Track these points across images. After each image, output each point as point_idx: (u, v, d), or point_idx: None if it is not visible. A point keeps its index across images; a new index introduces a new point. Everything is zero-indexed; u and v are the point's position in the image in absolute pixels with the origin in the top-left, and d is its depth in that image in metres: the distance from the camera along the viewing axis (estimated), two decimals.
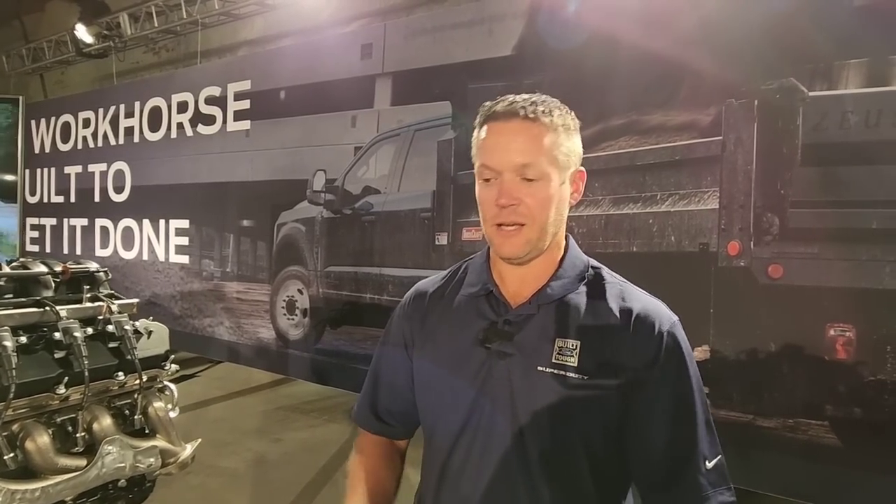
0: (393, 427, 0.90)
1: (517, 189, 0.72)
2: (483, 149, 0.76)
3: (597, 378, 0.73)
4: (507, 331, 0.77)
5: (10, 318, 1.31)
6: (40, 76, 6.31)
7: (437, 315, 0.85)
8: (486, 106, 0.77)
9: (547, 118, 0.74)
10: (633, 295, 0.78)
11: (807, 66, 1.93)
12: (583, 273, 0.80)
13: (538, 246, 0.75)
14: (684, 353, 0.75)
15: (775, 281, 1.94)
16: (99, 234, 4.30)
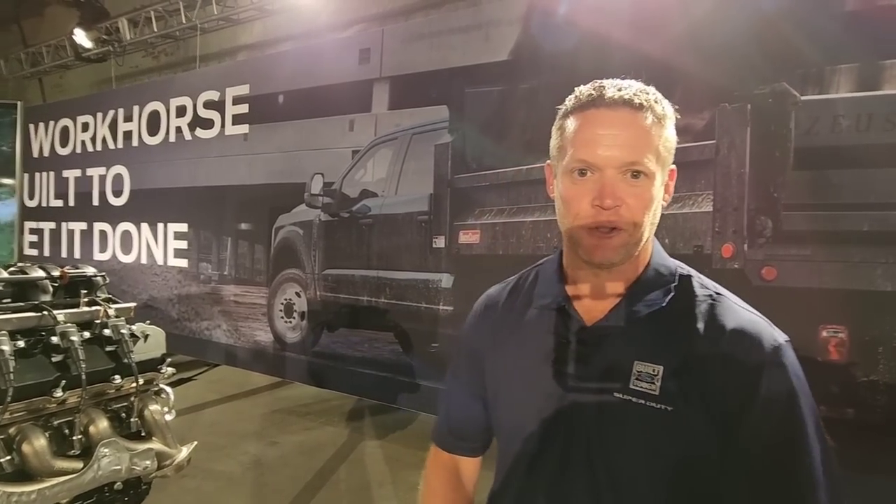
0: (465, 444, 0.84)
1: (621, 188, 0.63)
2: (579, 140, 0.65)
3: (681, 409, 0.62)
4: (581, 351, 0.68)
5: (8, 323, 1.32)
6: (39, 80, 6.33)
7: (508, 329, 0.77)
8: (583, 90, 0.66)
9: (658, 107, 0.64)
10: (728, 310, 0.66)
11: (798, 70, 1.96)
12: (669, 283, 0.69)
13: (631, 252, 0.66)
14: (790, 384, 0.62)
15: (769, 283, 1.96)
16: (97, 238, 4.31)
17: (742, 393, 0.62)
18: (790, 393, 0.62)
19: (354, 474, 2.90)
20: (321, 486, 2.85)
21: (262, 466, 3.08)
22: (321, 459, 3.15)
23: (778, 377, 0.62)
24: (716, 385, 0.62)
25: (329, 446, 3.31)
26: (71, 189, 4.51)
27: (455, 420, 0.85)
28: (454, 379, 0.86)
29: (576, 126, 0.66)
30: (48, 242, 4.63)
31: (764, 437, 0.61)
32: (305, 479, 2.91)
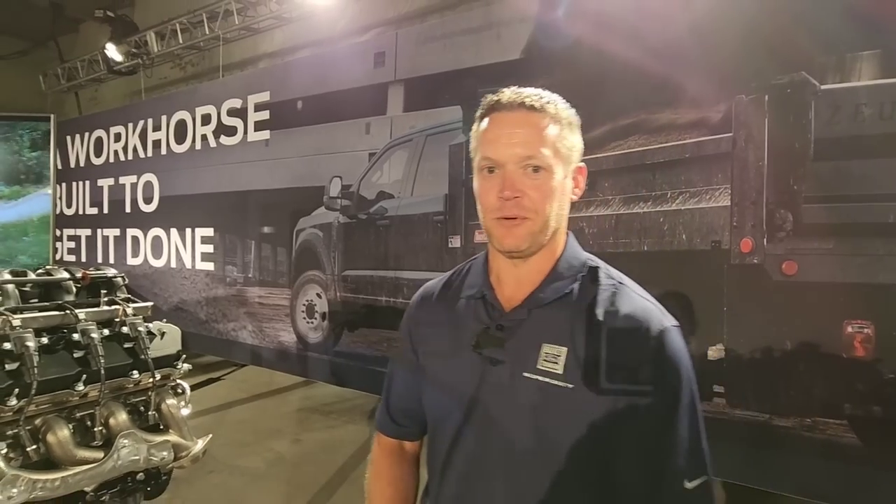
0: (405, 428, 0.91)
1: (521, 181, 0.70)
2: (485, 140, 0.73)
3: (580, 386, 0.71)
4: (498, 336, 0.76)
5: (34, 321, 1.41)
6: (75, 94, 6.62)
7: (440, 317, 0.85)
8: (488, 97, 0.75)
9: (552, 108, 0.73)
10: (625, 297, 0.74)
11: (818, 59, 1.89)
12: (577, 273, 0.77)
13: (539, 240, 0.73)
14: (673, 363, 0.71)
15: (789, 278, 1.90)
16: (130, 244, 4.47)
17: (631, 369, 0.70)
18: (669, 370, 0.71)
19: None
20: (342, 483, 2.90)
21: (286, 463, 3.16)
22: (343, 456, 3.21)
23: (661, 356, 0.70)
24: (610, 363, 0.71)
25: (350, 444, 3.36)
26: (105, 197, 4.70)
27: (395, 406, 0.91)
28: (394, 368, 0.93)
29: (482, 129, 0.75)
30: (85, 248, 4.84)
31: (643, 407, 0.70)
32: (327, 476, 2.97)
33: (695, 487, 0.70)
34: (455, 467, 0.80)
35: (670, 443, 0.70)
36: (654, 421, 0.70)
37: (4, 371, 1.31)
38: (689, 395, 0.71)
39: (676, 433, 0.70)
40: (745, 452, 1.94)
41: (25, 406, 1.29)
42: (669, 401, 0.70)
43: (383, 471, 0.92)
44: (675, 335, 0.72)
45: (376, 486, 0.92)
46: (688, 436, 0.70)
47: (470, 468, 0.78)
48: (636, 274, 0.81)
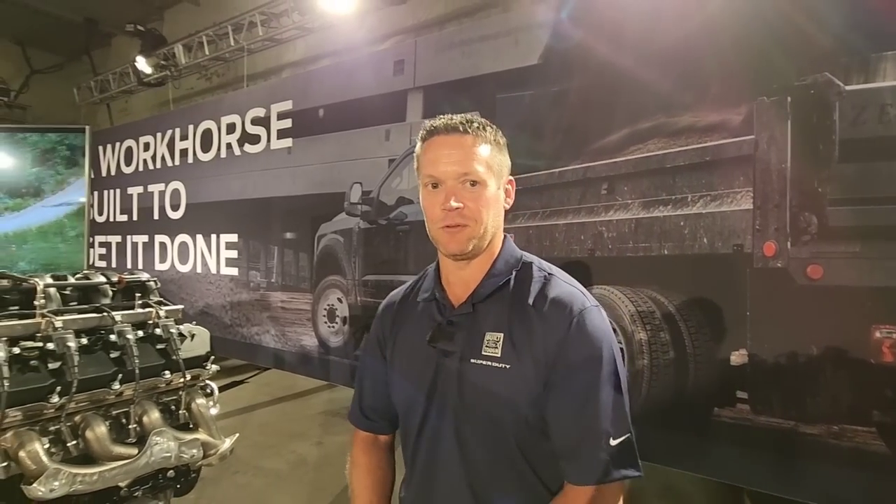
0: (376, 423, 1.01)
1: (460, 194, 0.82)
2: (427, 161, 0.85)
3: (516, 365, 0.82)
4: (449, 330, 0.87)
5: (74, 323, 1.48)
6: (107, 105, 6.85)
7: (401, 320, 0.97)
8: (426, 124, 0.87)
9: (482, 132, 0.84)
10: (553, 284, 0.86)
11: (842, 59, 1.87)
12: (512, 268, 0.89)
13: (480, 244, 0.85)
14: (593, 336, 0.82)
15: (815, 282, 1.87)
16: (158, 250, 4.59)
17: (556, 344, 0.81)
18: (590, 344, 0.81)
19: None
20: None
21: (308, 465, 3.21)
22: None
23: (581, 331, 0.81)
24: (539, 342, 0.82)
25: None
26: (134, 205, 4.85)
27: (366, 403, 1.02)
28: (364, 369, 1.04)
29: (423, 151, 0.87)
30: (115, 254, 4.99)
31: (570, 377, 0.80)
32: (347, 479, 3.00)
33: (618, 444, 0.80)
34: (421, 451, 0.90)
35: (595, 408, 0.80)
36: (578, 388, 0.80)
37: (48, 370, 1.38)
38: (610, 365, 0.81)
39: (599, 399, 0.80)
40: (771, 460, 1.90)
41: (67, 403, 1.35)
42: (592, 370, 0.80)
43: (360, 461, 1.01)
44: (595, 313, 0.83)
45: (355, 474, 1.01)
46: (611, 401, 0.80)
47: (430, 451, 0.88)
48: (656, 278, 0.87)
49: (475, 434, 0.85)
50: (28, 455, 1.26)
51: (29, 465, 1.25)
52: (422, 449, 0.90)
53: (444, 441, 0.87)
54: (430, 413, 0.89)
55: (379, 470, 1.01)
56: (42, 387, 1.35)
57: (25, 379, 1.33)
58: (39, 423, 1.35)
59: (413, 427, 0.91)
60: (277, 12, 4.55)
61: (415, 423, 0.91)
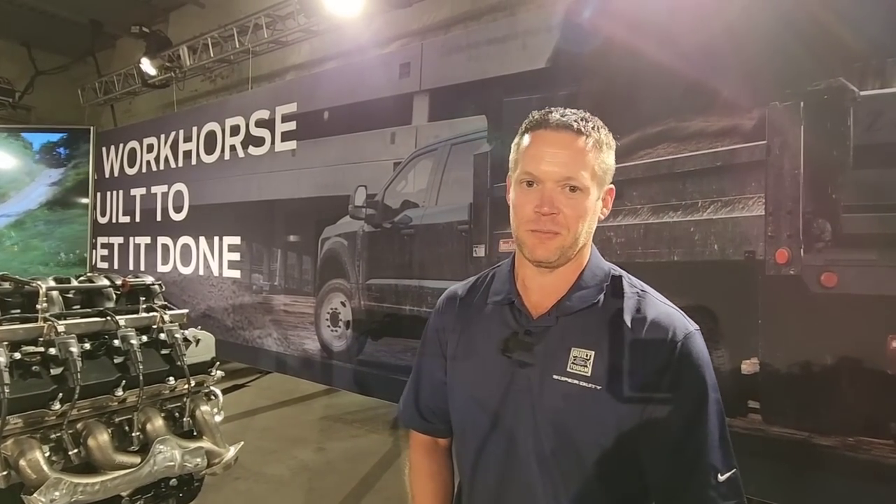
0: (436, 425, 0.94)
1: (558, 199, 0.75)
2: (528, 156, 0.77)
3: (609, 387, 0.74)
4: (527, 341, 0.79)
5: (77, 327, 1.45)
6: (111, 107, 6.85)
7: (466, 320, 0.89)
8: (535, 115, 0.79)
9: (596, 133, 0.77)
10: (649, 304, 0.79)
11: (856, 64, 1.84)
12: (602, 283, 0.81)
13: (568, 254, 0.77)
14: (698, 363, 0.75)
15: (829, 290, 1.84)
16: (160, 251, 4.58)
17: (657, 371, 0.74)
18: (696, 371, 0.74)
19: (398, 482, 2.93)
20: (365, 493, 2.89)
21: (310, 471, 3.17)
22: (366, 466, 3.20)
23: (686, 358, 0.74)
24: (637, 365, 0.74)
25: (373, 454, 3.36)
26: (137, 206, 4.83)
27: (424, 403, 0.95)
28: (421, 366, 0.96)
29: (526, 144, 0.79)
30: (117, 256, 4.98)
31: (672, 405, 0.73)
32: (350, 485, 2.97)
33: (726, 479, 0.73)
34: (487, 469, 0.82)
35: (701, 439, 0.72)
36: (682, 420, 0.73)
37: (50, 376, 1.35)
38: (714, 393, 0.75)
39: (706, 430, 0.73)
40: (783, 471, 1.87)
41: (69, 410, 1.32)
42: (697, 399, 0.73)
43: (422, 466, 0.95)
44: (699, 338, 0.76)
45: (417, 481, 0.95)
46: (717, 432, 0.73)
47: (503, 469, 0.80)
48: (666, 284, 0.83)
49: (554, 456, 0.77)
50: (29, 464, 1.23)
51: (29, 475, 1.22)
52: (488, 465, 0.82)
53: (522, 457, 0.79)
54: (498, 427, 0.81)
55: (440, 475, 0.95)
56: (44, 393, 1.32)
57: (27, 385, 1.30)
58: (40, 430, 1.32)
59: (475, 439, 0.84)
60: (283, 15, 4.54)
61: (477, 435, 0.83)
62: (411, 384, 0.97)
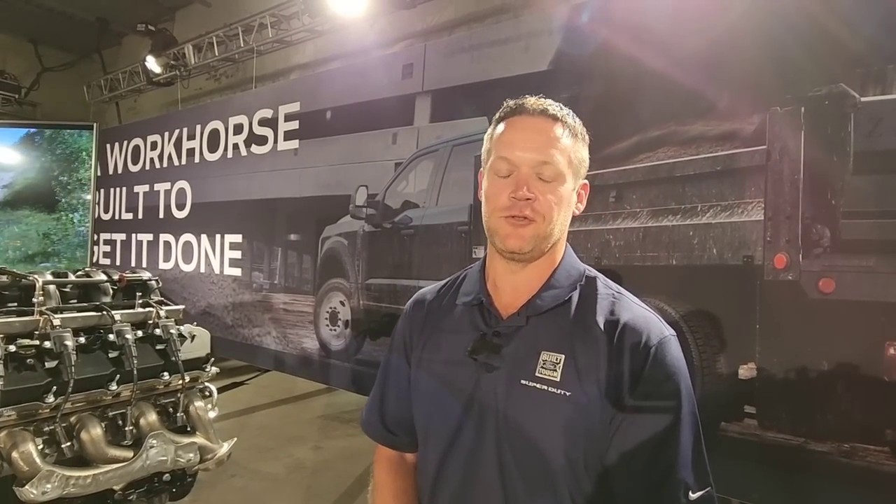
0: (401, 438, 0.88)
1: (534, 185, 0.71)
2: (503, 142, 0.74)
3: (578, 394, 0.69)
4: (495, 343, 0.75)
5: (73, 321, 1.46)
6: (116, 104, 6.89)
7: (434, 323, 0.84)
8: (509, 103, 0.77)
9: (570, 120, 0.75)
10: (624, 306, 0.74)
11: (858, 69, 1.84)
12: (576, 283, 0.77)
13: (542, 246, 0.73)
14: (672, 371, 0.70)
15: (827, 296, 1.83)
16: (162, 249, 4.59)
17: (630, 377, 0.69)
18: (670, 379, 0.70)
19: None
20: (361, 491, 2.90)
21: (306, 469, 3.18)
22: (362, 465, 3.21)
23: (661, 364, 0.69)
24: (609, 370, 0.70)
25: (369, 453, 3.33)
26: (140, 203, 4.86)
27: (390, 414, 0.88)
28: (387, 371, 0.90)
29: (500, 131, 0.76)
30: (119, 252, 5.00)
31: (644, 416, 0.68)
32: (346, 484, 2.97)
33: (698, 498, 0.68)
34: (448, 480, 0.77)
35: (672, 454, 0.68)
36: (653, 432, 0.68)
37: (44, 369, 1.36)
38: (689, 405, 0.70)
39: (678, 444, 0.68)
40: (778, 477, 1.86)
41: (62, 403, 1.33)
42: (671, 411, 0.69)
43: (386, 483, 0.89)
44: (674, 344, 0.72)
45: (380, 499, 0.89)
46: (691, 447, 0.69)
47: (464, 480, 0.75)
48: (664, 288, 0.80)
49: (518, 467, 0.71)
50: (21, 456, 1.24)
51: (21, 467, 1.23)
52: (450, 473, 0.77)
53: (484, 468, 0.74)
54: (462, 434, 0.75)
55: (405, 494, 0.87)
56: (38, 386, 1.33)
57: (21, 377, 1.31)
58: (34, 423, 1.32)
59: (437, 447, 0.78)
60: (288, 14, 4.56)
61: (440, 443, 0.78)
62: (376, 394, 0.91)
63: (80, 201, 4.04)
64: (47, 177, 3.92)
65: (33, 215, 4.17)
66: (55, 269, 1.79)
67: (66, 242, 4.16)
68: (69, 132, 4.02)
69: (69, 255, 4.17)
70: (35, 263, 4.03)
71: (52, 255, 4.26)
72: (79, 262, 3.88)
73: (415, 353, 0.85)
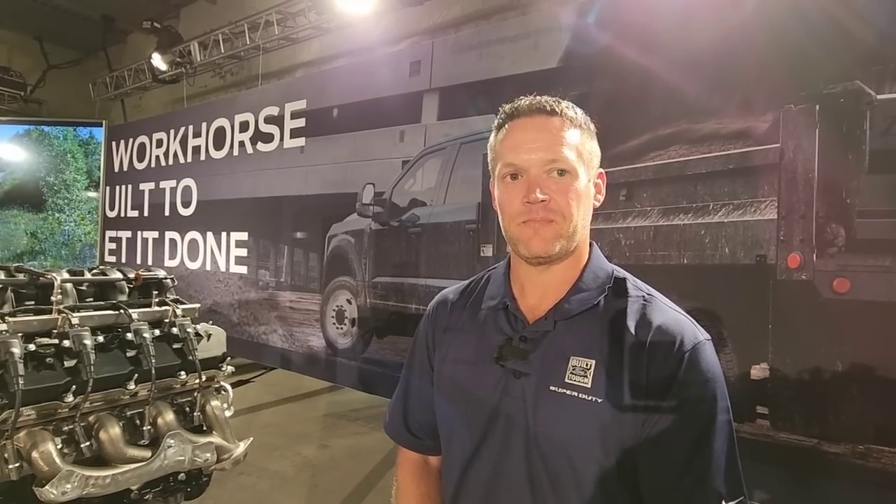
0: (425, 441, 0.86)
1: (546, 185, 0.69)
2: (506, 148, 0.72)
3: (610, 400, 0.67)
4: (522, 348, 0.73)
5: (90, 319, 1.45)
6: (121, 101, 6.89)
7: (458, 326, 0.82)
8: (505, 107, 0.75)
9: (571, 112, 0.72)
10: (656, 309, 0.71)
11: (874, 67, 1.82)
12: (604, 284, 0.75)
13: (567, 245, 0.71)
14: (708, 377, 0.67)
15: (841, 296, 1.82)
16: (168, 246, 4.60)
17: (663, 383, 0.67)
18: (704, 385, 0.67)
19: None
20: (369, 490, 2.90)
21: (314, 468, 3.18)
22: (369, 464, 3.21)
23: (695, 370, 0.67)
24: (641, 376, 0.67)
25: (377, 451, 3.36)
26: (146, 200, 4.85)
27: (413, 417, 0.86)
28: (409, 377, 0.88)
29: (501, 137, 0.74)
30: (125, 250, 5.00)
31: (677, 423, 0.66)
32: (354, 483, 2.97)
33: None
34: (472, 487, 0.75)
35: (706, 462, 0.65)
36: (687, 440, 0.66)
37: (63, 368, 1.36)
38: (724, 412, 0.68)
39: (712, 452, 0.65)
40: (791, 478, 1.85)
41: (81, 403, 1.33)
42: (705, 418, 0.66)
43: (409, 489, 0.87)
44: (710, 349, 0.69)
45: (401, 499, 0.87)
46: (724, 455, 0.66)
47: (490, 488, 0.73)
48: (675, 287, 0.77)
49: (549, 475, 0.70)
50: (41, 456, 1.23)
51: (42, 467, 1.22)
52: (473, 483, 0.75)
53: (512, 475, 0.72)
54: (487, 441, 0.74)
55: (429, 500, 0.85)
56: (57, 385, 1.32)
57: (41, 377, 1.30)
58: (53, 422, 1.32)
59: (461, 453, 0.76)
60: (294, 11, 4.54)
61: (465, 449, 0.76)
62: (399, 396, 0.89)
63: (66, 201, 4.06)
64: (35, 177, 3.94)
65: (21, 215, 4.19)
66: (41, 267, 1.78)
67: (52, 241, 4.18)
68: (55, 134, 4.03)
69: (55, 253, 4.18)
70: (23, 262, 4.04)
71: (39, 253, 4.27)
72: (64, 260, 3.89)
73: (438, 356, 0.83)
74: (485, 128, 2.84)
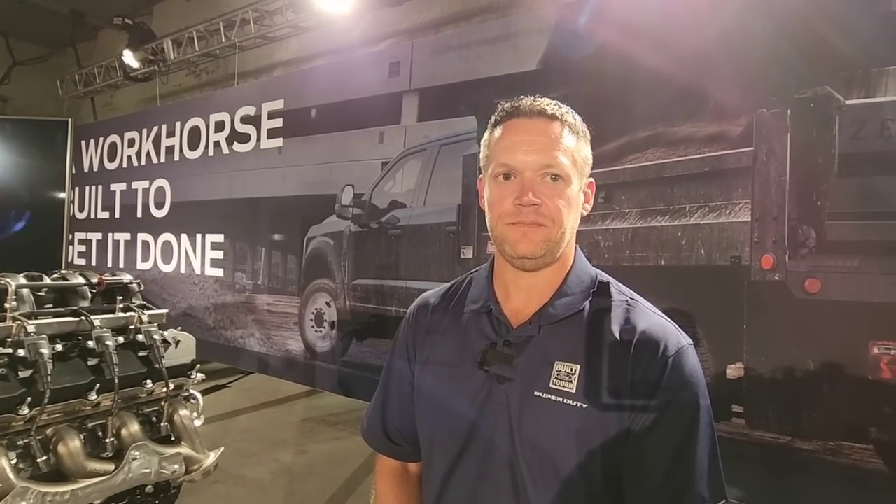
0: (404, 448, 0.85)
1: (540, 189, 0.69)
2: (503, 147, 0.71)
3: (595, 405, 0.68)
4: (506, 353, 0.72)
5: (48, 327, 1.39)
6: (91, 99, 6.70)
7: (440, 330, 0.81)
8: (504, 105, 0.74)
9: (570, 118, 0.72)
10: (640, 314, 0.72)
11: (843, 73, 1.87)
12: (589, 289, 0.75)
13: (554, 250, 0.71)
14: (691, 381, 0.68)
15: (812, 296, 1.86)
16: (140, 248, 4.49)
17: (648, 387, 0.67)
18: (688, 390, 0.68)
19: None
20: (348, 496, 2.86)
21: (292, 474, 3.12)
22: (348, 469, 3.16)
23: (679, 374, 0.68)
24: (626, 380, 0.68)
25: (356, 456, 3.32)
26: (117, 202, 4.73)
27: (392, 423, 0.87)
28: (390, 378, 0.87)
29: (498, 136, 0.73)
30: (95, 252, 4.86)
31: (661, 427, 0.67)
32: (333, 489, 2.92)
33: None
34: (455, 495, 0.75)
35: (689, 466, 0.66)
36: (671, 444, 0.67)
37: (18, 378, 1.29)
38: (707, 416, 0.69)
39: (696, 456, 0.66)
40: (765, 475, 1.88)
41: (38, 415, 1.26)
42: (688, 422, 0.67)
43: (388, 497, 0.86)
44: (692, 354, 0.71)
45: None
46: (707, 459, 0.67)
47: (473, 495, 0.73)
48: (653, 289, 0.78)
49: (534, 480, 0.69)
50: None
51: None
52: (458, 487, 0.74)
53: (496, 482, 0.71)
54: (470, 448, 0.73)
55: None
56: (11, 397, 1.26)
57: None
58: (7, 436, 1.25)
59: (443, 460, 0.75)
60: (271, 10, 4.47)
61: (446, 456, 0.75)
62: (377, 401, 0.88)
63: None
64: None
65: None
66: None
67: None
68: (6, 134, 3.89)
69: None
70: None
71: None
72: None
73: (419, 360, 0.82)
74: (465, 129, 2.84)
